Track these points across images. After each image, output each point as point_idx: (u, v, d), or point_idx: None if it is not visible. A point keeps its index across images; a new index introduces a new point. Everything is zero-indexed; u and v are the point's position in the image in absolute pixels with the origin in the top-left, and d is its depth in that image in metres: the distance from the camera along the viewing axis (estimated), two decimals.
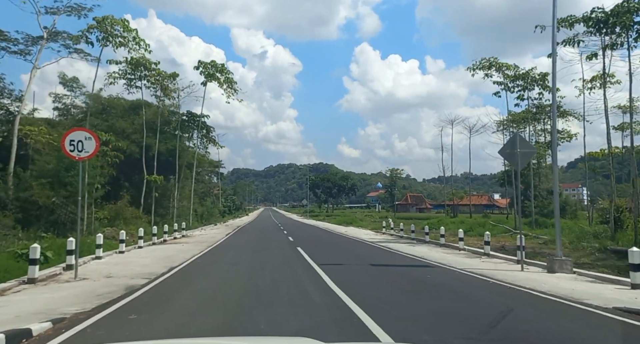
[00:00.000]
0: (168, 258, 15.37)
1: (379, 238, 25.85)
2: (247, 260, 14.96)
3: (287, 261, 14.12)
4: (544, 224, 32.59)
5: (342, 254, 16.98)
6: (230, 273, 11.88)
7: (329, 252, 17.64)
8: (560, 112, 44.78)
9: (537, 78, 33.74)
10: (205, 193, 77.77)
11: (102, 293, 9.05)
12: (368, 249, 19.30)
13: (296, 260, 14.58)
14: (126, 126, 38.46)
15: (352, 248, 20.03)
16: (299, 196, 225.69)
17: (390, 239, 25.30)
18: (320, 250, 18.43)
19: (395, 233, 28.75)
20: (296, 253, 16.84)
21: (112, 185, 37.55)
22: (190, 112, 41.01)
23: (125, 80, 36.48)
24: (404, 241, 23.92)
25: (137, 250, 18.80)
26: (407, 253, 16.98)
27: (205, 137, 42.58)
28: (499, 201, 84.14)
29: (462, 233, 18.40)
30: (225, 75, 40.21)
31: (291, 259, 14.83)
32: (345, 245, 21.90)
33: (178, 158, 38.82)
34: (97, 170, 28.92)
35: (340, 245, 21.52)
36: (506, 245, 20.85)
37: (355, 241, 23.87)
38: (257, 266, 13.02)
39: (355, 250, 19.03)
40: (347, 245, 21.89)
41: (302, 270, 12.13)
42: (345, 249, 19.40)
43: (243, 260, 14.77)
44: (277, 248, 19.46)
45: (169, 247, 20.31)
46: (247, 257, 15.75)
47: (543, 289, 9.11)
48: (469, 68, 33.76)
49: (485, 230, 29.80)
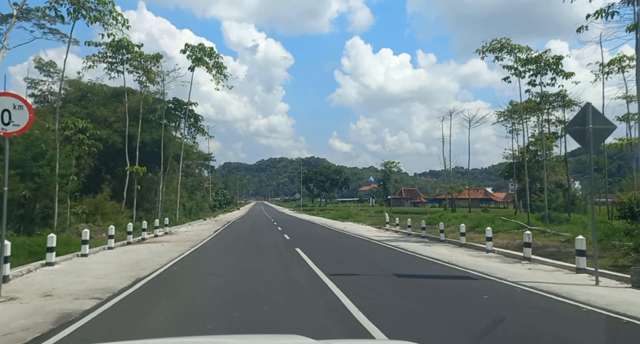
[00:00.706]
0: (137, 265, 12.19)
1: (385, 236, 22.82)
2: (236, 267, 11.82)
3: (286, 271, 10.99)
4: (557, 219, 29.74)
5: (352, 258, 13.86)
6: (211, 292, 8.70)
7: (336, 255, 14.54)
8: (565, 101, 42.03)
9: (551, 62, 30.67)
10: (195, 186, 74.38)
11: (14, 330, 5.91)
12: (380, 251, 16.21)
13: (297, 267, 11.45)
14: (108, 114, 35.10)
15: (360, 248, 16.93)
16: (291, 190, 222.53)
17: (398, 237, 22.27)
18: (324, 252, 15.35)
19: (401, 230, 25.73)
20: (296, 256, 13.75)
21: (92, 177, 34.21)
22: (177, 99, 37.61)
23: (106, 63, 33.10)
24: (414, 239, 20.90)
25: (105, 252, 15.56)
26: (429, 256, 13.94)
27: (193, 126, 39.15)
28: (495, 195, 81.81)
29: (490, 231, 15.32)
30: (214, 59, 36.85)
31: (291, 266, 11.72)
32: (350, 244, 18.82)
33: (163, 149, 35.50)
34: (70, 160, 25.67)
35: (345, 245, 18.43)
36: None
37: (360, 240, 20.80)
38: (247, 279, 9.90)
39: (365, 251, 15.93)
40: (352, 244, 18.80)
41: (310, 285, 8.99)
42: (353, 250, 16.30)
43: (230, 268, 11.63)
44: (272, 249, 16.35)
45: (146, 248, 17.12)
46: (236, 263, 12.61)
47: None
48: (478, 51, 30.65)
49: (495, 226, 26.88)
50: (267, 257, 13.77)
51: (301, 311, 6.81)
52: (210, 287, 9.01)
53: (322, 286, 8.74)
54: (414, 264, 12.25)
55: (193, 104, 38.28)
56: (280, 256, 13.97)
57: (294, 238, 20.94)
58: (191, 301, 7.79)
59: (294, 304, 7.23)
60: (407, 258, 13.73)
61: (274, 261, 12.89)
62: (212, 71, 37.22)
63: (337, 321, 6.17)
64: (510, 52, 30.59)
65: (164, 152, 36.31)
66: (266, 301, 7.39)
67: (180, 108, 37.72)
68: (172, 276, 10.36)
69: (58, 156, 23.34)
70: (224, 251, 15.98)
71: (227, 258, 13.66)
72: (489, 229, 15.48)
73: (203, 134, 39.37)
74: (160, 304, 7.60)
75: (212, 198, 75.47)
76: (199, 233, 25.30)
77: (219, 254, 15.08)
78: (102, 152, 34.38)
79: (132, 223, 19.30)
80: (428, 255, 14.13)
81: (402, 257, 13.96)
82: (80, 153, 27.53)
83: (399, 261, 13.06)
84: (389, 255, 14.55)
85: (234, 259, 13.55)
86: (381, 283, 9.16)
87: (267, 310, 6.79)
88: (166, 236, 23.12)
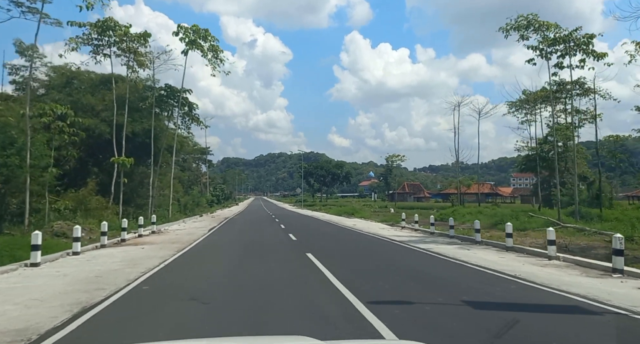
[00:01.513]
0: (97, 280, 8.83)
1: (405, 236, 19.46)
2: (229, 287, 8.37)
3: (302, 293, 7.53)
4: (588, 215, 26.45)
5: (386, 270, 10.26)
6: (188, 337, 5.31)
7: (361, 264, 11.06)
8: (584, 89, 38.68)
9: (581, 42, 27.11)
10: (192, 181, 71.00)
11: None
12: (413, 257, 12.79)
13: (317, 286, 8.08)
14: (95, 102, 31.73)
15: (387, 254, 13.44)
16: (290, 185, 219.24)
17: (421, 237, 18.89)
18: (344, 259, 11.94)
19: (421, 228, 22.35)
20: (309, 266, 10.38)
21: (78, 170, 30.84)
22: (170, 86, 34.09)
23: (91, 46, 29.66)
24: (442, 240, 17.55)
25: (66, 260, 12.17)
26: (481, 265, 10.57)
27: (188, 115, 35.61)
28: (501, 189, 78.55)
29: (553, 233, 11.86)
30: (209, 42, 33.33)
31: (307, 284, 8.34)
32: (371, 247, 15.35)
33: (155, 140, 32.11)
34: (45, 149, 22.35)
35: (366, 248, 14.97)
36: (569, 244, 14.77)
37: (379, 242, 17.38)
38: (245, 310, 6.46)
39: (395, 258, 12.46)
40: (374, 247, 15.34)
41: (348, 327, 5.54)
42: (379, 257, 12.79)
43: (222, 289, 8.18)
44: (277, 254, 12.98)
45: (122, 252, 13.73)
46: (230, 278, 9.18)
47: None
48: (501, 29, 27.11)
49: (520, 223, 23.58)
50: (271, 268, 10.37)
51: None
52: (189, 328, 5.62)
53: (368, 328, 5.35)
54: (474, 281, 8.84)
55: (187, 91, 34.86)
56: (289, 267, 10.59)
57: (301, 239, 17.60)
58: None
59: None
60: (457, 269, 10.30)
61: (281, 274, 9.51)
62: (208, 55, 33.72)
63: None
64: (537, 30, 27.08)
65: (156, 142, 32.94)
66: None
67: (173, 95, 34.24)
68: (134, 305, 6.96)
69: (29, 144, 20.01)
70: (216, 258, 12.59)
71: (218, 270, 10.26)
72: (551, 230, 12.05)
73: (198, 124, 35.84)
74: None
75: (209, 193, 71.97)
76: (191, 232, 21.93)
77: (210, 263, 11.69)
78: (88, 143, 31.02)
79: (102, 223, 15.87)
80: (478, 264, 10.78)
81: (450, 268, 10.50)
82: (61, 142, 24.20)
83: (451, 275, 9.61)
84: (430, 264, 11.11)
85: (227, 271, 10.15)
86: (463, 325, 5.69)
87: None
88: (152, 237, 19.74)
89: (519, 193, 74.61)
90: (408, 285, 8.29)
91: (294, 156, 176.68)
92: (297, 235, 19.10)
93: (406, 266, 10.67)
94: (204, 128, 37.67)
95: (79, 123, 24.40)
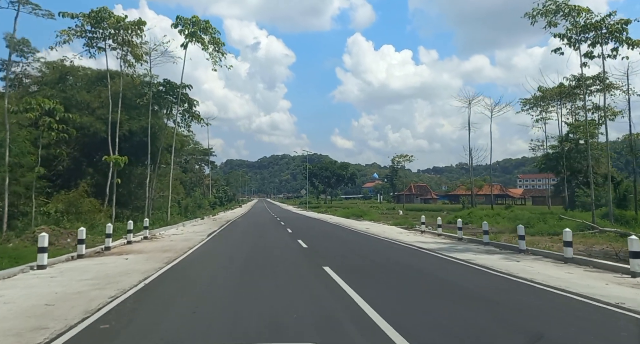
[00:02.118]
0: (41, 315, 6.25)
1: (431, 242, 16.87)
2: (226, 327, 5.82)
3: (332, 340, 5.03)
4: (623, 218, 23.81)
5: (442, 297, 7.50)
6: None
7: (403, 287, 8.29)
8: (606, 85, 36.09)
9: (614, 29, 24.39)
10: (194, 183, 68.68)
11: None
12: (460, 272, 10.11)
13: (351, 328, 5.52)
14: (91, 99, 29.34)
15: (430, 270, 10.59)
16: (293, 187, 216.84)
17: (450, 244, 16.28)
18: (373, 276, 9.32)
19: (444, 233, 19.73)
20: (333, 290, 7.76)
21: (72, 170, 28.42)
22: (169, 81, 31.60)
23: (85, 38, 27.26)
24: (476, 248, 14.94)
25: (26, 277, 9.60)
26: (562, 288, 7.90)
27: (187, 112, 33.09)
28: (512, 191, 75.70)
29: (637, 242, 9.23)
30: (210, 34, 30.89)
31: (333, 318, 5.79)
32: (402, 259, 12.60)
33: (152, 138, 29.74)
34: (27, 146, 20.03)
35: (396, 260, 12.24)
36: (619, 252, 12.17)
37: (408, 251, 14.70)
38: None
39: (437, 275, 9.74)
40: (406, 259, 12.55)
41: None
42: (425, 275, 9.94)
43: (215, 329, 5.64)
44: (287, 268, 10.40)
45: (99, 265, 11.18)
46: (226, 316, 6.51)
47: None
48: (527, 14, 24.51)
49: (549, 227, 21.02)
50: (282, 292, 7.77)
51: None
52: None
53: None
54: (582, 320, 6.17)
55: (187, 87, 32.36)
56: (305, 290, 7.95)
57: (312, 246, 15.04)
58: None
59: None
60: (533, 295, 7.58)
61: (297, 301, 6.92)
62: (209, 48, 31.29)
63: None
64: (566, 16, 24.43)
65: (154, 141, 30.58)
66: None
67: (173, 91, 31.77)
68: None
69: (8, 141, 17.67)
70: (210, 276, 10.00)
71: (211, 297, 7.64)
72: (635, 238, 9.40)
73: (198, 121, 33.26)
74: None
75: (212, 195, 69.47)
76: (188, 238, 19.38)
77: (201, 283, 9.11)
78: (84, 141, 28.62)
79: (80, 230, 13.34)
80: (549, 284, 8.16)
81: (523, 293, 7.78)
82: (50, 140, 21.83)
83: (536, 304, 6.94)
84: (492, 286, 8.33)
85: (222, 298, 7.51)
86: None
87: None
88: (143, 243, 17.19)
89: (530, 195, 71.92)
90: (478, 325, 5.65)
91: (297, 158, 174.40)
92: (307, 241, 16.54)
93: (464, 291, 7.92)
94: (205, 125, 34.90)
95: (72, 120, 22.07)
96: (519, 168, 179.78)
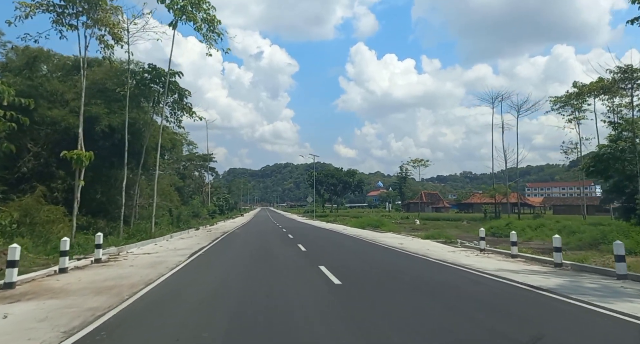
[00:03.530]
0: None
1: (525, 271, 10.97)
2: None
3: None
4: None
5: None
6: None
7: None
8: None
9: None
10: (194, 190, 63.02)
11: None
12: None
13: None
14: (65, 89, 23.66)
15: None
16: (296, 196, 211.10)
17: (558, 275, 10.38)
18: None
19: (521, 253, 13.83)
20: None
21: (40, 172, 22.69)
22: (155, 67, 25.92)
23: (52, 13, 21.60)
24: (612, 283, 9.08)
25: None
26: None
27: (177, 104, 27.42)
28: (530, 199, 69.76)
29: None
30: (204, 11, 25.37)
31: None
32: (506, 310, 6.52)
33: (133, 135, 24.21)
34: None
35: (502, 313, 6.11)
36: None
37: (502, 291, 8.60)
38: None
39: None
40: (508, 311, 6.56)
41: None
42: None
43: None
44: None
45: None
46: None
47: None
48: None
49: (632, 241, 15.32)
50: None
51: None
52: None
53: None
54: None
55: (177, 74, 26.74)
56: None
57: (346, 280, 9.15)
58: None
59: None
60: None
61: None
62: (202, 29, 25.76)
63: None
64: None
65: (136, 138, 24.97)
66: None
67: (159, 79, 26.14)
68: None
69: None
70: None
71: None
72: None
73: (190, 115, 27.48)
74: None
75: (212, 204, 63.61)
76: (160, 260, 13.44)
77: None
78: (54, 139, 22.85)
79: (68, 238, 7.55)
80: None
81: None
82: (3, 133, 16.20)
83: None
84: None
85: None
86: None
87: None
88: (85, 271, 11.24)
89: (551, 203, 65.91)
90: None
91: (301, 166, 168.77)
92: (333, 268, 10.66)
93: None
94: (199, 120, 28.78)
95: (25, 107, 16.34)
96: (524, 176, 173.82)
